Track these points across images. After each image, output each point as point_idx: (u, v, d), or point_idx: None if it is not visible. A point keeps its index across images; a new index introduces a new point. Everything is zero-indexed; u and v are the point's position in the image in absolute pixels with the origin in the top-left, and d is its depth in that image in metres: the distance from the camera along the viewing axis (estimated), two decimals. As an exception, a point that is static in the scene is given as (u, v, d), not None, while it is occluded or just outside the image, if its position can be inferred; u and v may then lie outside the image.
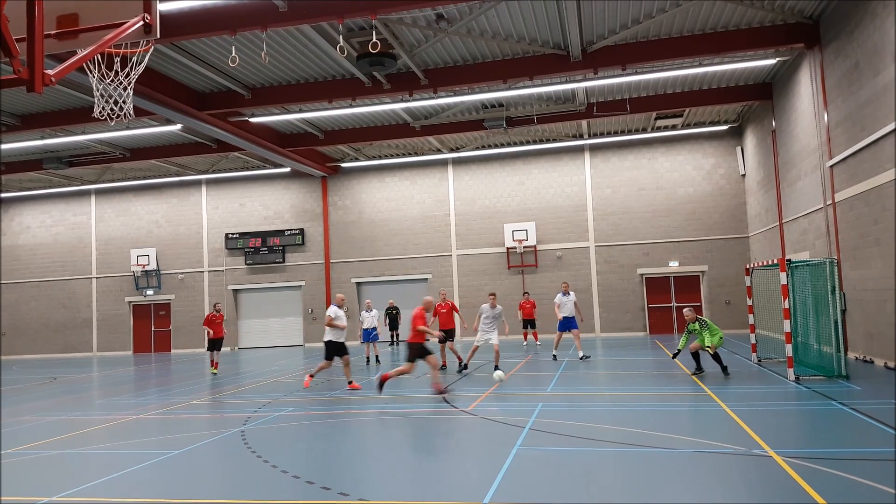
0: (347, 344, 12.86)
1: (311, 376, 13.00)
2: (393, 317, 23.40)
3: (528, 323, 21.34)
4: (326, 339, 12.47)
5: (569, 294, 16.29)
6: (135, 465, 7.38)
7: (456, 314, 15.65)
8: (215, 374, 16.80)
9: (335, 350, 12.46)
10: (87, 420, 10.67)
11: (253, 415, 10.32)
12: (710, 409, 9.17)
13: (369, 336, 17.83)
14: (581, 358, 15.86)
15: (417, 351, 11.19)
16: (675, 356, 12.91)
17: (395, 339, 23.72)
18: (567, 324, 16.04)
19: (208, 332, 17.45)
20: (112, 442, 8.88)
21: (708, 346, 12.07)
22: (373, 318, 17.85)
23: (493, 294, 14.86)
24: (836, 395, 9.74)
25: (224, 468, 7.19)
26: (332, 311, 12.44)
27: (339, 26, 13.23)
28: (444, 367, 15.04)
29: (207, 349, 17.66)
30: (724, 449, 6.84)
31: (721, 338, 12.27)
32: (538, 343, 21.84)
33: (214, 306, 17.65)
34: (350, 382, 12.66)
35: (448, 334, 15.04)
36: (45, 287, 30.19)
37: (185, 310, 28.51)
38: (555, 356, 16.39)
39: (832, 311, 11.49)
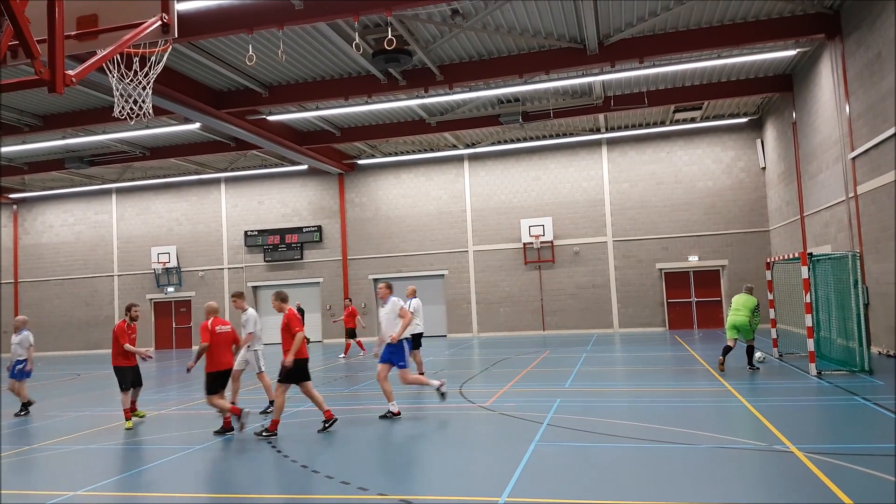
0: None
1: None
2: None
3: (350, 332, 18.97)
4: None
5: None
6: (157, 460, 7.49)
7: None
8: (129, 429, 9.50)
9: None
10: (110, 416, 10.82)
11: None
12: (731, 404, 9.09)
13: (19, 373, 11.67)
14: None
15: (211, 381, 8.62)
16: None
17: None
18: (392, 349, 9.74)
19: (121, 354, 10.03)
20: (135, 438, 9.01)
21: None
22: (18, 344, 11.80)
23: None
24: (859, 390, 9.61)
25: (245, 463, 7.25)
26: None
27: (354, 23, 13.24)
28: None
29: (122, 389, 9.81)
30: (745, 445, 6.78)
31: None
32: (363, 352, 19.44)
33: (127, 310, 10.43)
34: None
35: (291, 373, 8.58)
36: (67, 285, 30.65)
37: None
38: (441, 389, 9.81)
39: (854, 306, 11.30)
